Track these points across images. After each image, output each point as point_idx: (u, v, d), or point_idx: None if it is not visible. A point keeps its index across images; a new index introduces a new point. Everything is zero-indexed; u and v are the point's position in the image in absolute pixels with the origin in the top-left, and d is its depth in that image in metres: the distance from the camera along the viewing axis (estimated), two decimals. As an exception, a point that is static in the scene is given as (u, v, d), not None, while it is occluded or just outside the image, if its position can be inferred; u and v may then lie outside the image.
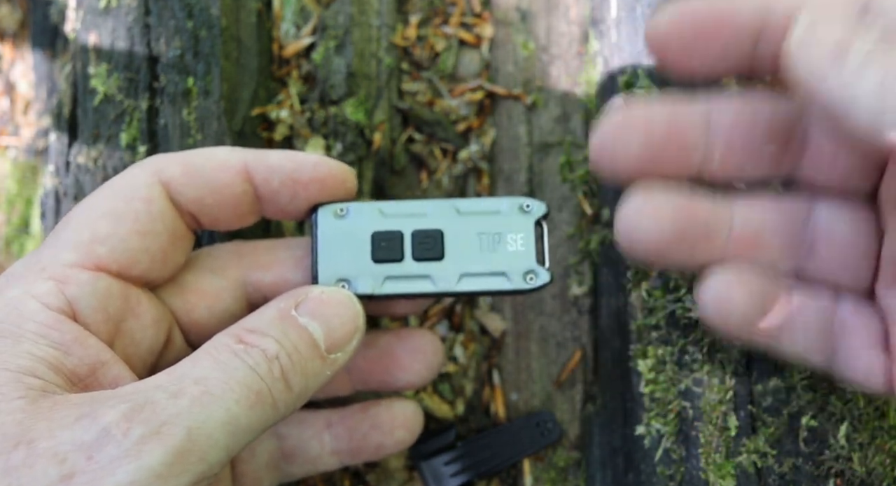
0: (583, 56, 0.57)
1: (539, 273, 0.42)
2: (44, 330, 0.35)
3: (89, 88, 0.54)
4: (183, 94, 0.53)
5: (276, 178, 0.41)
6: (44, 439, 0.31)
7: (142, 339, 0.40)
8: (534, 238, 0.42)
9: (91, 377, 0.36)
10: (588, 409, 0.52)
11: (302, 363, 0.38)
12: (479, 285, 0.42)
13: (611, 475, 0.50)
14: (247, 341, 0.37)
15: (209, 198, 0.41)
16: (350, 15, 0.56)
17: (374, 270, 0.42)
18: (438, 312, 0.56)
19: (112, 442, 0.31)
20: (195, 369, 0.35)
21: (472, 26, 0.59)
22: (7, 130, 0.77)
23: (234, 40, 0.54)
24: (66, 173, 0.55)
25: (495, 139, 0.57)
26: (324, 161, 0.42)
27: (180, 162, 0.41)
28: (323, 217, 0.42)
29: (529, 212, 0.42)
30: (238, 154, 0.41)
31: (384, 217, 0.43)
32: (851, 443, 0.44)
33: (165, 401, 0.32)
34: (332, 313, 0.39)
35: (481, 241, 0.42)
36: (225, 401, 0.34)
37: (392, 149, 0.57)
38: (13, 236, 0.74)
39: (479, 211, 0.43)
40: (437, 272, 0.42)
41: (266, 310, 0.39)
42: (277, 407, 0.36)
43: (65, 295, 0.37)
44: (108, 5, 0.55)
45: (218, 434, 0.33)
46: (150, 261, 0.40)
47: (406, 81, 0.58)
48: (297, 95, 0.57)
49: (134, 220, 0.39)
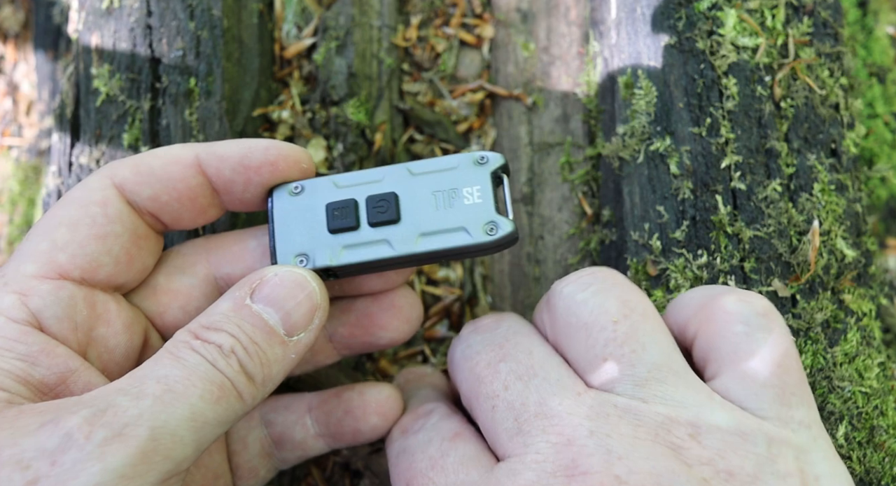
0: (583, 57, 0.57)
1: (500, 223, 0.40)
2: (9, 344, 0.35)
3: (92, 88, 0.55)
4: (185, 94, 0.53)
5: (227, 166, 0.41)
6: (7, 447, 0.31)
7: (115, 345, 0.40)
8: (491, 189, 0.41)
9: (61, 386, 0.36)
10: (588, 408, 0.53)
11: (260, 353, 0.37)
12: (440, 242, 0.40)
13: (610, 474, 0.50)
14: (202, 337, 0.37)
15: (164, 195, 0.41)
16: (351, 16, 0.56)
17: (331, 241, 0.41)
18: (439, 311, 0.56)
19: (74, 446, 0.31)
20: (156, 369, 0.35)
21: (473, 27, 0.59)
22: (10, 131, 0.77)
23: (235, 41, 0.55)
24: (69, 174, 0.55)
25: (496, 139, 0.57)
26: (274, 144, 0.41)
27: (132, 164, 0.41)
28: (278, 197, 0.42)
29: (485, 163, 0.41)
30: (188, 148, 0.41)
31: (338, 188, 0.42)
32: (850, 442, 0.44)
33: (127, 403, 0.33)
34: (288, 295, 0.39)
35: (437, 199, 0.41)
36: (188, 397, 0.34)
37: (393, 149, 0.57)
38: (16, 236, 0.75)
39: (433, 170, 0.42)
40: (394, 236, 0.41)
41: (221, 302, 0.39)
42: (244, 398, 0.36)
43: (28, 307, 0.37)
44: (110, 6, 0.55)
45: (182, 431, 0.33)
46: (113, 264, 0.40)
47: (407, 82, 0.58)
48: (299, 95, 0.57)
49: (91, 224, 0.39)
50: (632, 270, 0.49)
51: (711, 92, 0.49)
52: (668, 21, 0.50)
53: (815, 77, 0.50)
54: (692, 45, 0.50)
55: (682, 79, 0.49)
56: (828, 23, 0.52)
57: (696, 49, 0.49)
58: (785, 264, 0.47)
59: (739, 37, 0.50)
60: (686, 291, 0.45)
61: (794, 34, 0.50)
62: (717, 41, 0.50)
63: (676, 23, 0.50)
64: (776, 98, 0.49)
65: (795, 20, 0.51)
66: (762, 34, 0.50)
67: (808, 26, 0.51)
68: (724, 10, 0.50)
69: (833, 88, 0.51)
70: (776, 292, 0.46)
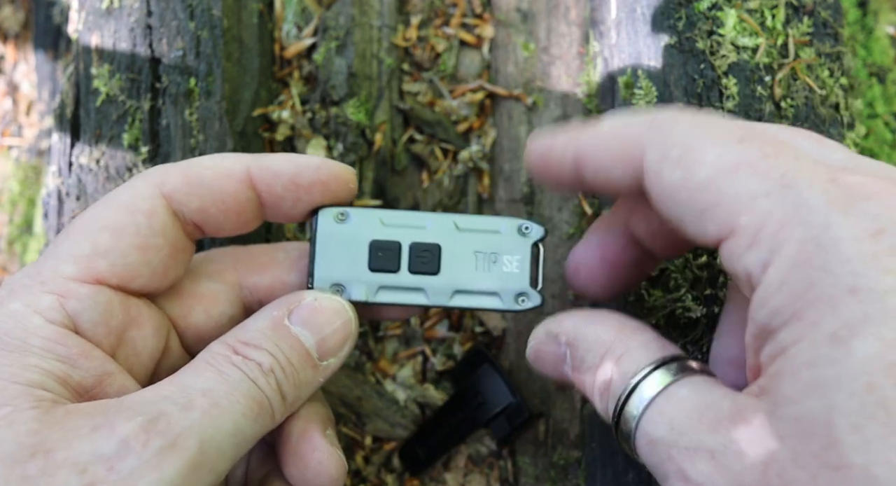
0: (583, 57, 0.57)
1: (530, 296, 0.42)
2: (49, 345, 0.35)
3: (92, 88, 0.55)
4: (185, 94, 0.53)
5: (279, 183, 0.41)
6: (61, 449, 0.31)
7: (143, 348, 0.40)
8: (529, 261, 0.43)
9: (98, 388, 0.36)
10: (588, 408, 0.53)
11: (295, 374, 0.38)
12: (471, 302, 0.43)
13: (610, 473, 0.50)
14: (242, 353, 0.37)
15: (213, 208, 0.41)
16: (351, 16, 0.56)
17: (369, 278, 0.42)
18: (439, 311, 0.56)
19: (132, 454, 0.31)
20: (199, 380, 0.35)
21: (473, 27, 0.59)
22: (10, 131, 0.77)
23: (235, 41, 0.55)
24: (69, 174, 0.55)
25: (496, 140, 0.57)
26: (326, 164, 0.42)
27: (182, 173, 0.40)
28: (323, 221, 0.43)
29: (528, 234, 0.43)
30: (240, 161, 0.41)
31: (384, 226, 0.43)
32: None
33: (178, 413, 0.33)
34: (325, 321, 0.40)
35: (477, 259, 0.43)
36: (232, 413, 0.34)
37: (393, 149, 0.57)
38: (15, 236, 0.75)
39: (478, 229, 0.43)
40: (431, 286, 0.42)
41: (259, 318, 0.39)
42: (275, 417, 0.37)
43: (66, 310, 0.37)
44: (110, 6, 0.55)
45: (226, 445, 0.34)
46: (150, 275, 0.40)
47: (407, 82, 0.58)
48: (299, 95, 0.57)
49: (135, 234, 0.39)
50: (632, 270, 0.49)
51: (711, 92, 0.49)
52: (668, 21, 0.50)
53: (815, 77, 0.50)
54: (692, 45, 0.50)
55: (682, 79, 0.49)
56: (828, 23, 0.52)
57: (696, 49, 0.49)
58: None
59: (739, 37, 0.50)
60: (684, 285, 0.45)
61: (794, 34, 0.50)
62: (717, 41, 0.50)
63: (676, 23, 0.50)
64: (776, 98, 0.49)
65: (795, 20, 0.51)
66: (762, 34, 0.50)
67: (808, 26, 0.51)
68: (724, 10, 0.50)
69: (833, 88, 0.51)
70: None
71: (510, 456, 0.54)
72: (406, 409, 0.55)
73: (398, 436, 0.55)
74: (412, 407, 0.55)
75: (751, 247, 0.31)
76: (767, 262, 0.30)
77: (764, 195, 0.31)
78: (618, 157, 0.37)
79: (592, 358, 0.38)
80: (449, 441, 0.53)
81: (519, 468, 0.54)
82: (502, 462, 0.54)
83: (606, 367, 0.37)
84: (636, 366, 0.36)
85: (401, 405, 0.54)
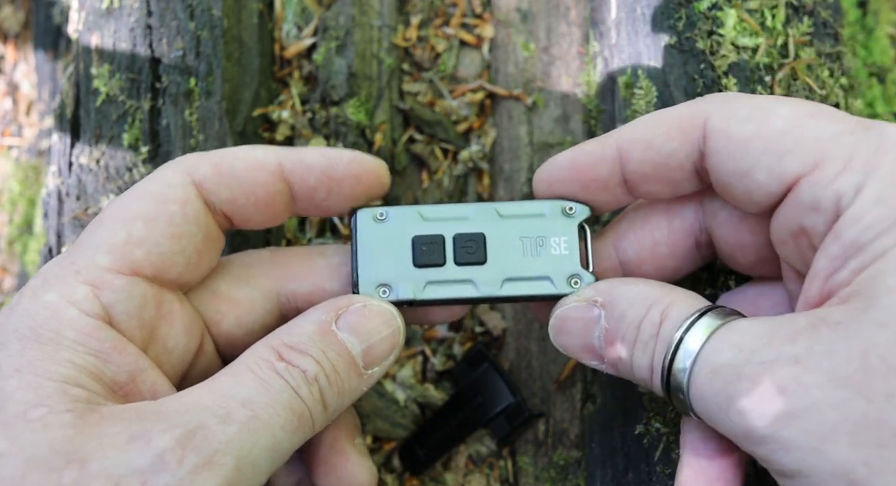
0: (583, 57, 0.57)
1: (583, 277, 0.41)
2: (83, 338, 0.35)
3: (92, 88, 0.55)
4: (185, 94, 0.53)
5: (312, 176, 0.41)
6: (96, 459, 0.31)
7: (174, 346, 0.40)
8: (577, 241, 0.41)
9: (130, 385, 0.36)
10: (588, 408, 0.53)
11: (339, 383, 0.37)
12: (523, 289, 0.41)
13: (610, 474, 0.50)
14: (287, 358, 0.36)
15: (243, 198, 0.40)
16: (351, 16, 0.56)
17: (415, 275, 0.41)
18: (439, 311, 0.56)
19: (167, 471, 0.31)
20: (239, 389, 0.35)
21: (473, 27, 0.59)
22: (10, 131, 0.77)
23: (235, 41, 0.55)
24: (69, 173, 0.55)
25: (496, 139, 0.57)
26: (358, 157, 0.41)
27: (213, 162, 0.40)
28: (362, 222, 0.42)
29: (573, 215, 0.42)
30: (272, 153, 0.41)
31: (424, 221, 0.42)
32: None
33: (216, 427, 0.32)
34: (373, 329, 0.39)
35: (524, 245, 0.41)
36: (272, 427, 0.34)
37: (393, 149, 0.57)
38: (15, 236, 0.75)
39: (521, 214, 0.42)
40: (479, 277, 0.41)
41: (306, 322, 0.39)
42: (315, 428, 0.37)
43: (101, 301, 0.36)
44: (110, 6, 0.55)
45: (262, 461, 0.33)
46: (184, 264, 0.39)
47: (407, 82, 0.58)
48: (299, 95, 0.57)
49: (169, 222, 0.38)
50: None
51: (711, 92, 0.49)
52: (668, 21, 0.50)
53: (815, 77, 0.50)
54: (692, 45, 0.50)
55: (682, 79, 0.49)
56: (828, 23, 0.52)
57: (696, 49, 0.49)
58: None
59: (739, 37, 0.50)
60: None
61: (794, 34, 0.50)
62: (717, 41, 0.50)
63: (676, 23, 0.50)
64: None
65: (795, 20, 0.51)
66: (762, 34, 0.50)
67: (808, 26, 0.51)
68: (724, 10, 0.50)
69: (833, 88, 0.51)
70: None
71: (510, 456, 0.54)
72: (406, 409, 0.55)
73: (398, 436, 0.55)
74: (412, 407, 0.55)
75: (841, 174, 0.33)
76: (861, 184, 0.33)
77: (848, 133, 0.34)
78: (672, 131, 0.38)
79: (636, 312, 0.37)
80: (449, 441, 0.53)
81: (519, 468, 0.54)
82: (502, 462, 0.54)
83: (654, 315, 0.37)
84: (687, 311, 0.36)
85: (401, 404, 0.55)
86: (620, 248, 0.43)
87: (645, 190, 0.41)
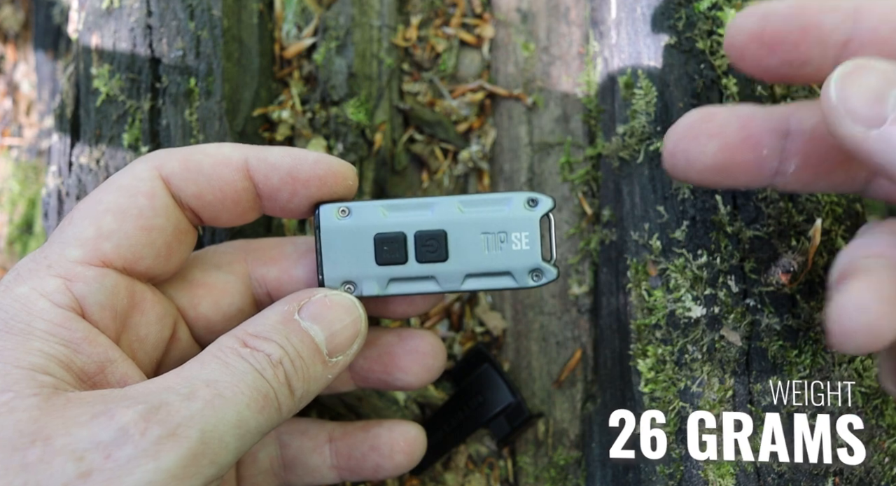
0: (583, 57, 0.57)
1: (545, 271, 0.42)
2: (53, 328, 0.35)
3: (92, 88, 0.55)
4: (185, 94, 0.53)
5: (276, 175, 0.41)
6: (60, 436, 0.31)
7: (147, 335, 0.40)
8: (539, 235, 0.42)
9: (100, 375, 0.36)
10: (588, 408, 0.53)
11: (304, 368, 0.38)
12: (484, 284, 0.42)
13: (610, 473, 0.50)
14: (251, 344, 0.37)
15: (209, 194, 0.41)
16: (351, 16, 0.56)
17: (378, 272, 0.42)
18: (439, 311, 0.56)
19: (130, 442, 0.31)
20: (204, 371, 0.35)
21: (473, 27, 0.59)
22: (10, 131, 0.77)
23: (235, 41, 0.55)
24: (69, 174, 0.55)
25: (496, 139, 0.57)
26: (323, 158, 0.42)
27: (181, 158, 0.41)
28: (325, 217, 0.42)
29: (535, 208, 0.42)
30: (239, 150, 0.41)
31: (387, 218, 0.42)
32: (850, 442, 0.44)
33: (179, 403, 0.33)
34: (335, 317, 0.40)
35: (486, 240, 0.42)
36: (236, 404, 0.34)
37: (393, 149, 0.57)
38: (15, 236, 0.75)
39: (483, 208, 0.42)
40: (441, 273, 0.42)
41: (269, 313, 0.39)
42: (281, 411, 0.37)
43: (72, 292, 0.37)
44: (110, 6, 0.55)
45: (228, 437, 0.34)
46: (154, 256, 0.40)
47: (407, 82, 0.58)
48: (299, 95, 0.57)
49: (138, 215, 0.39)
50: (632, 269, 0.49)
51: (711, 92, 0.49)
52: (668, 21, 0.50)
53: (815, 77, 0.50)
54: (692, 45, 0.50)
55: (682, 79, 0.49)
56: (828, 23, 0.52)
57: (696, 49, 0.49)
58: (784, 264, 0.47)
59: (739, 37, 0.50)
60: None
61: (793, 34, 0.50)
62: (717, 41, 0.50)
63: (676, 23, 0.50)
64: (776, 98, 0.49)
65: (795, 20, 0.51)
66: (762, 34, 0.50)
67: (808, 26, 0.51)
68: (724, 10, 0.50)
69: (833, 88, 0.51)
70: (775, 292, 0.46)
71: (510, 456, 0.54)
72: (406, 409, 0.55)
73: (398, 436, 0.55)
74: (412, 407, 0.55)
75: None
76: None
77: None
78: None
79: None
80: (449, 441, 0.53)
81: (519, 468, 0.54)
82: (502, 462, 0.54)
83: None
84: None
85: (401, 405, 0.54)
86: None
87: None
